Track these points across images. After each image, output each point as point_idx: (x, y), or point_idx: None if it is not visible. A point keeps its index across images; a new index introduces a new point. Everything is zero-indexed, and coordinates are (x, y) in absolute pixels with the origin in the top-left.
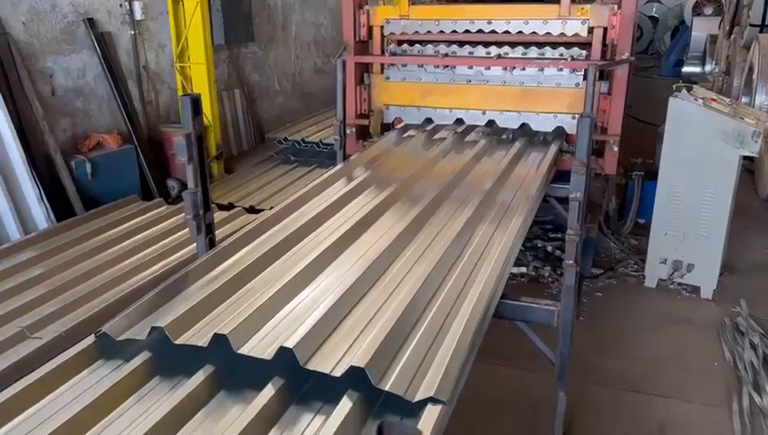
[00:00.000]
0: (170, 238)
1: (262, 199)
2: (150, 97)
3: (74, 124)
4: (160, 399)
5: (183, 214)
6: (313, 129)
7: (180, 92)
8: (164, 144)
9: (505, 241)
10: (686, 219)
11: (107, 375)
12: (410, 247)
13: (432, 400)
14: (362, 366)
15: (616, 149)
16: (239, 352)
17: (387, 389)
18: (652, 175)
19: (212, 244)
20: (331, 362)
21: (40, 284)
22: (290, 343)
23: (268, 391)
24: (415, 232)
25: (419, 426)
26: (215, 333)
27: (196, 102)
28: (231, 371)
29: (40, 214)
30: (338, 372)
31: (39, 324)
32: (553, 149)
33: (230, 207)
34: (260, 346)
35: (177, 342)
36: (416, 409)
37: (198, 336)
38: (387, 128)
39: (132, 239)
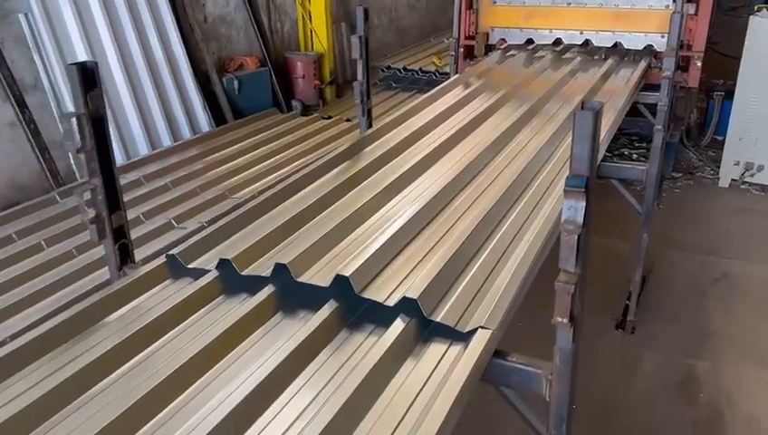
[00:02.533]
0: (305, 143)
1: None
2: (276, 27)
3: (219, 48)
4: (226, 313)
5: (314, 124)
6: (410, 59)
7: (300, 23)
8: (288, 69)
9: None
10: (758, 126)
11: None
12: (498, 158)
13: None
14: (415, 298)
15: (699, 64)
16: (299, 280)
17: (438, 320)
18: (731, 95)
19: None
20: (385, 291)
21: (200, 176)
22: (347, 272)
23: (324, 312)
24: (505, 142)
25: (467, 350)
26: (276, 263)
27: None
28: (292, 292)
29: (204, 119)
30: (391, 302)
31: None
32: (642, 64)
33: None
34: (320, 274)
35: (243, 273)
36: (467, 335)
37: (262, 268)
38: (490, 49)
39: (275, 142)
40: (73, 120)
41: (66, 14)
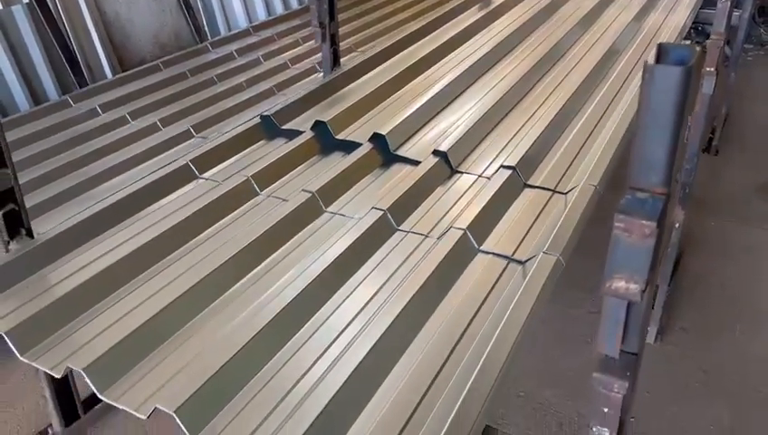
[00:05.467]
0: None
1: None
2: None
3: None
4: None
5: None
6: None
7: None
8: None
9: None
10: None
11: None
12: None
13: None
14: (513, 165)
15: None
16: (396, 152)
17: (537, 184)
18: None
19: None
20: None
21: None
22: (444, 147)
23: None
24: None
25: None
26: (374, 133)
27: None
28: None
29: None
30: (488, 174)
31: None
32: None
33: None
34: (415, 148)
35: (338, 136)
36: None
37: (356, 134)
38: None
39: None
40: None
41: None
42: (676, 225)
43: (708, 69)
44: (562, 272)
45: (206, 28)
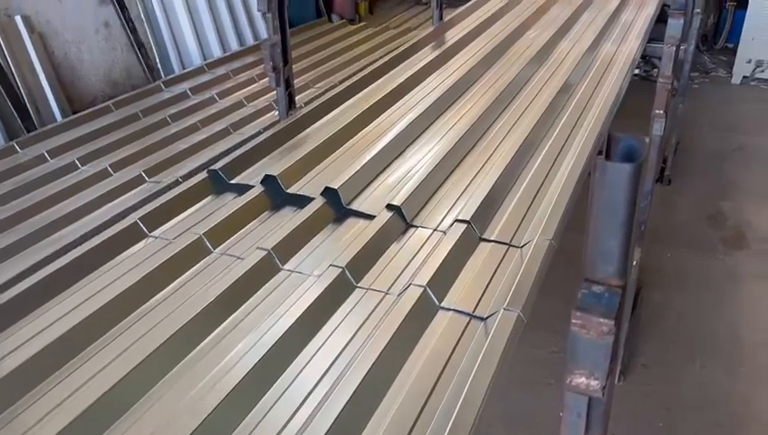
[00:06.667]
0: (364, 45)
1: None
2: None
3: None
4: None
5: (364, 31)
6: None
7: None
8: None
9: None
10: None
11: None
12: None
13: None
14: (467, 219)
15: None
16: (349, 207)
17: (492, 238)
18: (742, 5)
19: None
20: (436, 217)
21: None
22: (397, 201)
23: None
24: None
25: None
26: (326, 187)
27: None
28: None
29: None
30: (443, 229)
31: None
32: None
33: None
34: (368, 202)
35: (288, 191)
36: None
37: (307, 187)
38: None
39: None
40: None
41: None
42: (634, 262)
43: (658, 111)
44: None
45: (160, 66)
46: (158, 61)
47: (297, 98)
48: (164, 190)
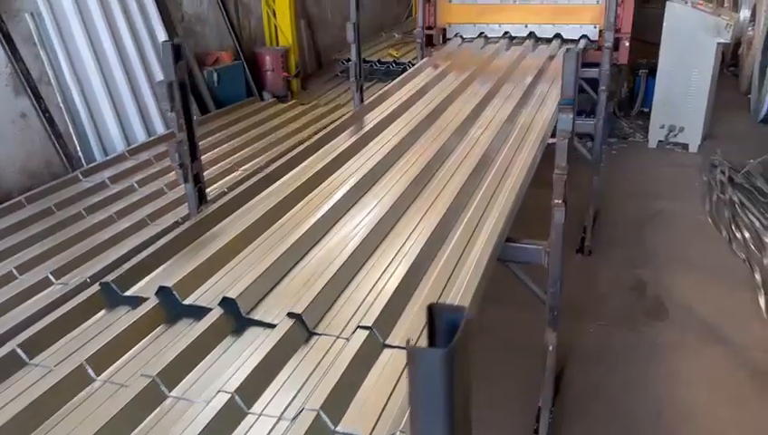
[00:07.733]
0: (295, 123)
1: (338, 103)
2: (244, 24)
3: (195, 44)
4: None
5: (293, 109)
6: (366, 52)
7: (265, 20)
8: (257, 62)
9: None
10: (679, 94)
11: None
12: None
13: None
14: (370, 326)
15: (627, 44)
16: (248, 316)
17: (394, 344)
18: (654, 73)
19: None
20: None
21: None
22: (298, 309)
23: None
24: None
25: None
26: (224, 297)
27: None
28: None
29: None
30: (346, 335)
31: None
32: (581, 43)
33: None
34: (269, 310)
35: (185, 302)
36: None
37: (205, 297)
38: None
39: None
40: (167, 85)
41: (69, 13)
42: (550, 348)
43: (557, 201)
44: None
45: (81, 153)
46: (78, 149)
47: (220, 183)
48: (70, 295)
